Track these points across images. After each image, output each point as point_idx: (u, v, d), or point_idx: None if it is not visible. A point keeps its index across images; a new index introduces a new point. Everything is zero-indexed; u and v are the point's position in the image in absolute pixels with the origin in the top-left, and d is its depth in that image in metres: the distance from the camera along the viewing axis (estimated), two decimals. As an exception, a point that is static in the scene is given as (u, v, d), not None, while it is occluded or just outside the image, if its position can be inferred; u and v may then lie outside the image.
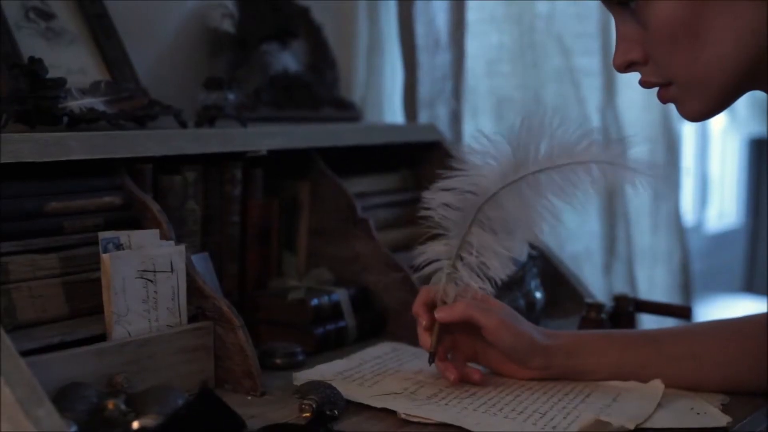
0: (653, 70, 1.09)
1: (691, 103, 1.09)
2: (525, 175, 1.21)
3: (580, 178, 1.20)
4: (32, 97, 1.27)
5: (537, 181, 1.21)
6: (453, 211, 1.24)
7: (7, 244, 1.14)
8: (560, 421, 1.12)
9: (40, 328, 1.13)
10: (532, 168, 1.21)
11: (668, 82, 1.09)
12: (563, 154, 1.20)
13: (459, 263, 1.24)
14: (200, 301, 1.23)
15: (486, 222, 1.23)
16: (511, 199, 1.22)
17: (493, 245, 1.22)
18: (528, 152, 1.21)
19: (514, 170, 1.21)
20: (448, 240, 1.24)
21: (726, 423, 1.13)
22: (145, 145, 1.30)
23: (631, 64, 1.10)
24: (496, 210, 1.22)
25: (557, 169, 1.20)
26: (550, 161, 1.20)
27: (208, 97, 1.53)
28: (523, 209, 1.21)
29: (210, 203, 1.44)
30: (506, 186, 1.21)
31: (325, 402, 1.13)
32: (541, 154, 1.21)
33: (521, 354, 1.24)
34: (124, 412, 1.00)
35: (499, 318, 1.23)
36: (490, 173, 1.22)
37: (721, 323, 1.28)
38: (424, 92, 2.00)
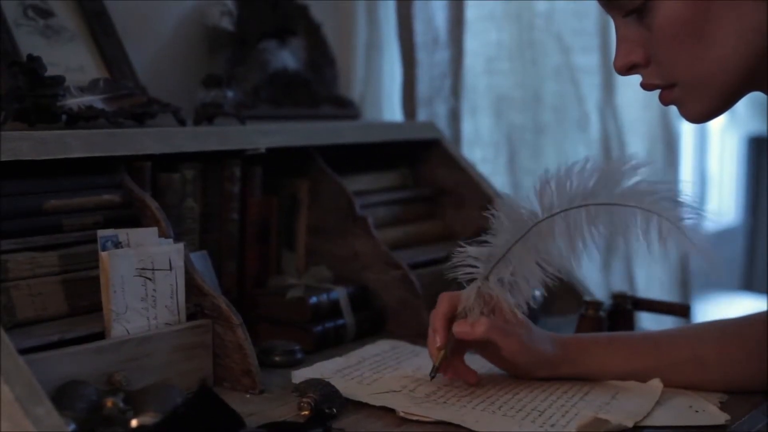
0: (656, 72, 1.09)
1: (693, 104, 1.09)
2: (589, 204, 1.18)
3: (636, 224, 1.16)
4: (31, 95, 1.26)
5: (597, 213, 1.18)
6: (510, 223, 1.21)
7: (7, 242, 1.14)
8: (559, 419, 1.12)
9: (40, 326, 1.13)
10: (600, 200, 1.18)
11: (671, 84, 1.08)
12: (632, 197, 1.16)
13: (492, 277, 1.21)
14: (199, 299, 1.23)
15: (534, 241, 1.20)
16: (566, 224, 1.19)
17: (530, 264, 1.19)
18: (603, 188, 1.18)
19: (583, 198, 1.18)
20: (491, 248, 1.21)
21: (724, 421, 1.13)
22: (143, 143, 1.30)
23: (633, 67, 1.10)
24: (549, 230, 1.19)
25: (620, 207, 1.17)
26: (618, 199, 1.17)
27: (207, 95, 1.53)
28: (569, 235, 1.18)
29: (209, 201, 1.44)
30: (570, 209, 1.18)
31: (323, 400, 1.13)
32: (614, 191, 1.17)
33: (530, 369, 1.25)
34: (122, 410, 1.00)
35: (518, 341, 1.22)
36: (560, 193, 1.19)
37: (722, 324, 1.28)
38: (423, 90, 2.00)
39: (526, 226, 1.20)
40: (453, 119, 2.06)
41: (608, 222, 1.18)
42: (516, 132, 2.27)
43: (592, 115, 2.45)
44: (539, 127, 2.33)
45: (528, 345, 1.23)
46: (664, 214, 1.14)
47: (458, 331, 1.21)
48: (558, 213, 1.19)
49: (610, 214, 1.18)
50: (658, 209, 1.15)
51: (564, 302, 1.64)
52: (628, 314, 1.52)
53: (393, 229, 1.64)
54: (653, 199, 1.15)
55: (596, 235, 1.19)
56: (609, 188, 1.18)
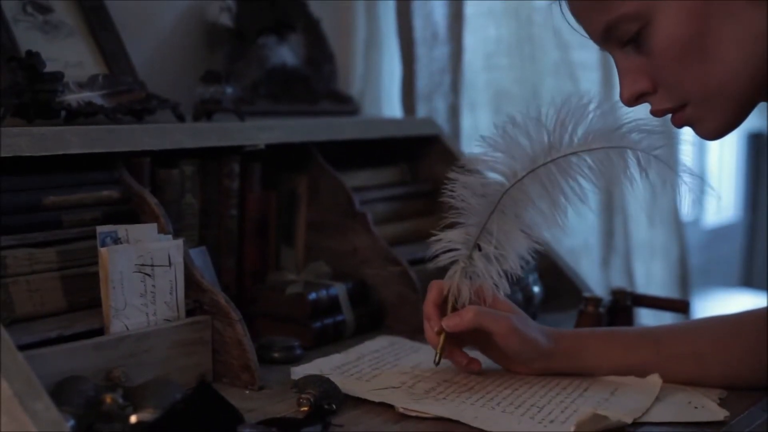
0: (665, 96, 1.08)
1: (708, 120, 1.08)
2: (556, 158, 1.17)
3: (613, 163, 1.15)
4: (30, 90, 1.27)
5: (568, 164, 1.17)
6: (476, 198, 1.20)
7: (5, 238, 1.14)
8: (558, 415, 1.12)
9: (38, 322, 1.13)
10: (566, 150, 1.17)
11: (682, 104, 1.07)
12: (600, 138, 1.15)
13: (476, 253, 1.21)
14: (198, 295, 1.23)
15: (509, 207, 1.19)
16: (537, 182, 1.18)
17: (513, 231, 1.19)
18: (563, 135, 1.17)
19: (545, 153, 1.17)
20: (466, 228, 1.21)
21: (723, 417, 1.13)
22: (142, 138, 1.30)
23: (641, 96, 1.09)
24: (521, 194, 1.18)
25: (590, 152, 1.16)
26: (584, 145, 1.16)
27: (206, 91, 1.53)
28: (549, 192, 1.17)
29: (208, 197, 1.44)
30: (536, 169, 1.17)
31: (323, 396, 1.13)
32: (577, 138, 1.17)
33: (524, 358, 1.24)
34: (121, 406, 1.00)
35: (508, 324, 1.22)
36: (521, 155, 1.18)
37: (720, 320, 1.28)
38: (422, 86, 2.00)
39: (495, 197, 1.19)
40: (452, 115, 2.06)
41: (585, 170, 1.17)
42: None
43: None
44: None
45: (520, 330, 1.22)
46: (637, 147, 1.14)
47: (448, 324, 1.21)
48: (525, 176, 1.18)
49: (583, 162, 1.17)
50: (628, 143, 1.14)
51: (563, 298, 1.64)
52: (627, 310, 1.52)
53: (392, 224, 1.64)
54: (620, 134, 1.15)
55: (577, 187, 1.18)
56: (570, 136, 1.16)
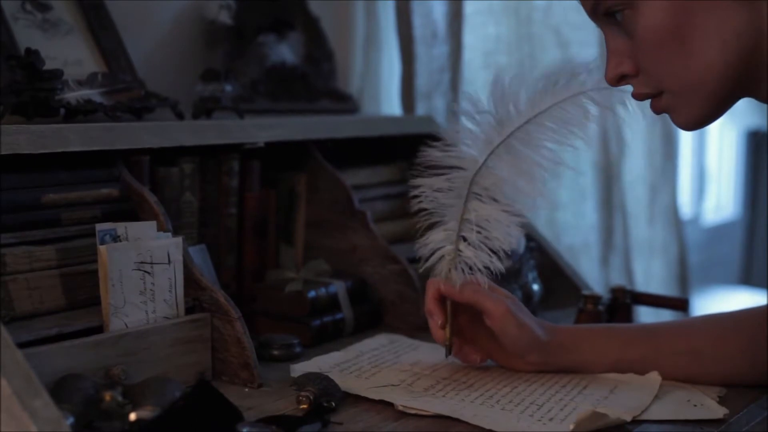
0: (644, 81, 1.09)
1: (684, 111, 1.08)
2: (512, 132, 1.17)
3: (572, 115, 1.16)
4: (29, 88, 1.26)
5: (527, 134, 1.17)
6: (445, 194, 1.21)
7: (4, 236, 1.14)
8: (557, 413, 1.12)
9: (37, 320, 1.13)
10: (518, 122, 1.17)
11: (660, 92, 1.08)
12: (546, 97, 1.16)
13: (462, 244, 1.21)
14: (197, 292, 1.23)
15: (483, 193, 1.20)
16: (503, 161, 1.18)
17: (493, 213, 1.19)
18: (508, 107, 1.17)
19: (498, 131, 1.18)
20: (446, 225, 1.22)
21: (722, 415, 1.13)
22: (142, 136, 1.30)
23: (623, 77, 1.10)
24: (490, 178, 1.19)
25: (545, 113, 1.16)
26: (534, 109, 1.17)
27: (205, 89, 1.53)
28: (519, 167, 1.17)
29: (207, 195, 1.44)
30: (494, 150, 1.18)
31: (322, 394, 1.13)
32: (523, 105, 1.17)
33: (521, 347, 1.24)
34: (121, 404, 1.00)
35: (505, 305, 1.22)
36: (474, 142, 1.19)
37: (719, 318, 1.28)
38: (422, 84, 2.00)
39: (463, 188, 1.19)
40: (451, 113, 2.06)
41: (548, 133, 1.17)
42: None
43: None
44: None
45: (516, 314, 1.22)
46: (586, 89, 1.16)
47: (445, 289, 1.22)
48: (486, 159, 1.18)
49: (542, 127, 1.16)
50: (576, 90, 1.16)
51: (562, 296, 1.64)
52: (626, 308, 1.52)
53: (391, 223, 1.64)
54: (564, 85, 1.16)
55: (546, 152, 1.18)
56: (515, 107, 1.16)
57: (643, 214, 2.62)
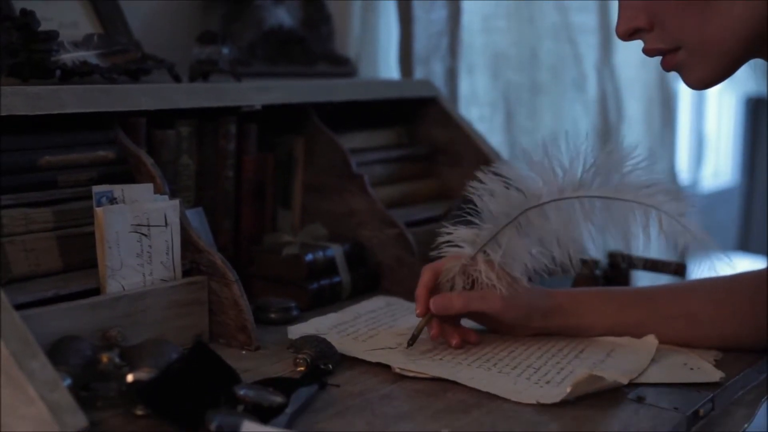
0: (660, 36, 1.08)
1: (697, 68, 1.09)
2: (582, 197, 1.18)
3: (635, 219, 1.16)
4: (24, 50, 1.26)
5: (592, 206, 1.17)
6: (498, 204, 1.20)
7: (1, 198, 1.14)
8: (554, 376, 1.12)
9: (34, 282, 1.13)
10: (593, 192, 1.17)
11: (676, 48, 1.08)
12: (628, 190, 1.16)
13: (480, 256, 1.21)
14: (194, 255, 1.23)
15: (524, 226, 1.20)
16: (559, 214, 1.18)
17: (520, 250, 1.20)
18: (596, 177, 1.17)
19: (573, 188, 1.18)
20: (479, 230, 1.21)
21: (719, 378, 1.13)
22: (138, 99, 1.29)
23: (636, 32, 1.10)
24: (540, 218, 1.19)
25: (616, 201, 1.16)
26: (613, 192, 1.17)
27: (202, 52, 1.52)
28: (568, 229, 1.18)
29: (204, 158, 1.43)
30: (560, 200, 1.18)
31: (319, 356, 1.13)
32: (611, 184, 1.17)
33: (521, 321, 1.24)
34: (118, 366, 1.00)
35: (499, 303, 1.21)
36: (549, 182, 1.19)
37: (716, 281, 1.28)
38: (420, 48, 1.99)
39: (514, 210, 1.20)
40: (450, 78, 2.05)
41: (606, 216, 1.17)
42: (513, 91, 2.26)
43: (589, 74, 2.44)
44: (536, 86, 2.32)
45: (512, 302, 1.22)
46: (663, 208, 1.14)
47: (435, 305, 1.20)
48: (548, 202, 1.19)
49: (607, 208, 1.17)
50: (655, 203, 1.15)
51: (560, 261, 1.64)
52: (623, 273, 1.52)
53: (389, 187, 1.63)
54: (649, 192, 1.16)
55: (593, 230, 1.19)
56: (603, 178, 1.17)
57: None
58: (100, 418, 0.95)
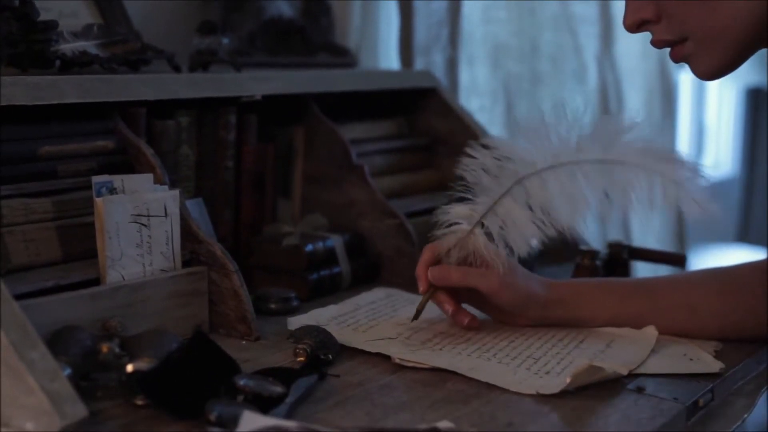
0: (667, 28, 1.09)
1: (705, 59, 1.09)
2: (582, 161, 1.16)
3: (640, 184, 1.14)
4: (24, 40, 1.25)
5: (594, 171, 1.15)
6: (490, 177, 1.19)
7: (1, 188, 1.13)
8: (554, 367, 1.12)
9: (34, 272, 1.13)
10: (595, 156, 1.15)
11: (683, 39, 1.08)
12: (630, 155, 1.14)
13: (478, 229, 1.20)
14: (194, 245, 1.23)
15: (522, 197, 1.18)
16: (558, 180, 1.16)
17: (522, 219, 1.18)
18: (595, 143, 1.15)
19: (571, 153, 1.16)
20: (474, 205, 1.21)
21: (718, 369, 1.14)
22: (138, 89, 1.29)
23: (643, 23, 1.10)
24: (537, 188, 1.17)
25: (621, 165, 1.14)
26: (613, 157, 1.15)
27: (202, 42, 1.51)
28: (570, 194, 1.16)
29: (204, 148, 1.43)
30: (558, 166, 1.16)
31: (319, 346, 1.13)
32: (614, 147, 1.15)
33: (519, 308, 1.24)
34: (118, 356, 1.00)
35: (498, 281, 1.21)
36: (544, 149, 1.17)
37: (716, 272, 1.28)
38: (420, 39, 1.98)
39: (509, 181, 1.19)
40: (450, 68, 2.05)
41: (607, 181, 1.15)
42: (513, 81, 2.26)
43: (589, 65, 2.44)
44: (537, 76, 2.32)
45: (509, 282, 1.22)
46: (667, 174, 1.13)
47: (433, 275, 1.21)
48: (545, 169, 1.17)
49: (608, 173, 1.15)
50: (660, 169, 1.14)
51: (560, 251, 1.64)
52: (623, 263, 1.52)
53: (389, 177, 1.63)
54: (653, 159, 1.14)
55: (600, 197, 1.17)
56: (603, 145, 1.16)
57: (641, 170, 2.61)
58: (100, 408, 0.95)
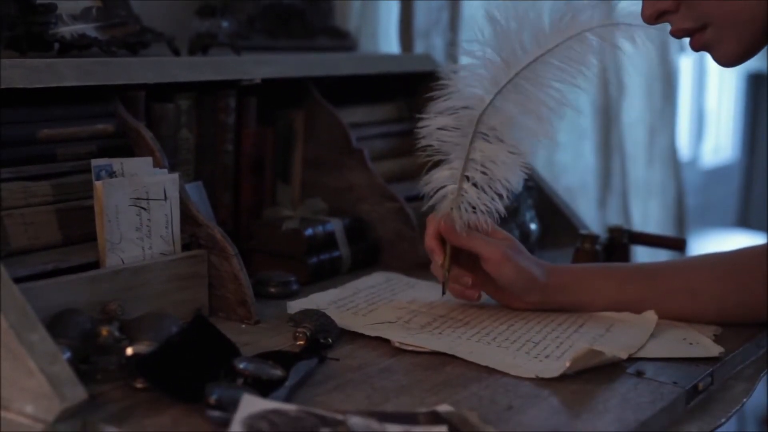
0: (686, 16, 1.08)
1: (726, 44, 1.09)
2: (519, 71, 1.15)
3: (578, 52, 1.14)
4: (23, 22, 1.25)
5: (534, 72, 1.15)
6: (451, 133, 1.19)
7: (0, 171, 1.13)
8: (553, 351, 1.12)
9: (33, 255, 1.13)
10: (525, 61, 1.15)
11: (703, 26, 1.08)
12: (551, 35, 1.14)
13: (466, 184, 1.20)
14: (194, 229, 1.23)
15: (489, 133, 1.18)
16: (510, 101, 1.16)
17: (499, 154, 1.17)
18: (514, 47, 1.14)
19: (505, 71, 1.16)
20: (450, 164, 1.21)
21: (718, 353, 1.14)
22: (137, 72, 1.28)
23: (662, 14, 1.09)
24: (497, 117, 1.17)
25: (551, 52, 1.14)
26: (540, 48, 1.14)
27: (202, 25, 1.51)
28: (527, 107, 1.16)
29: (204, 132, 1.43)
30: (501, 89, 1.16)
31: (319, 330, 1.13)
32: (529, 44, 1.15)
33: (519, 289, 1.24)
34: (118, 339, 1.00)
35: (501, 251, 1.21)
36: (481, 83, 1.17)
37: (716, 257, 1.28)
38: (420, 22, 1.98)
39: (469, 126, 1.18)
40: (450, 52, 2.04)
41: (554, 71, 1.15)
42: (513, 65, 2.25)
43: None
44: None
45: (513, 258, 1.22)
46: (592, 25, 1.13)
47: (443, 230, 1.21)
48: (494, 99, 1.16)
49: (549, 65, 1.14)
50: (581, 27, 1.13)
51: (560, 236, 1.64)
52: (623, 248, 1.52)
53: (389, 161, 1.63)
54: (568, 22, 1.13)
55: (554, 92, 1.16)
56: (521, 46, 1.14)
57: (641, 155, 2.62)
58: (100, 391, 0.95)
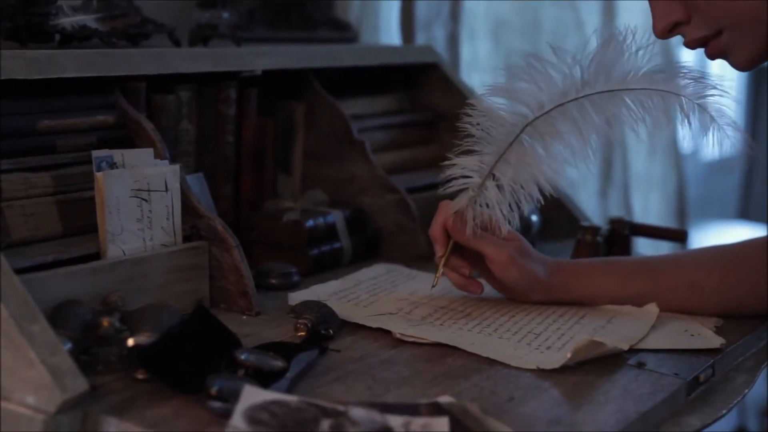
0: (699, 23, 1.08)
1: (742, 48, 1.08)
2: (591, 94, 1.13)
3: (653, 105, 1.11)
4: (23, 13, 1.25)
5: (603, 101, 1.13)
6: (497, 127, 1.17)
7: (0, 162, 1.13)
8: (555, 342, 1.12)
9: (34, 247, 1.12)
10: (601, 87, 1.13)
11: (717, 32, 1.07)
12: (641, 78, 1.12)
13: (490, 182, 1.18)
14: (195, 220, 1.22)
15: (533, 140, 1.15)
16: (568, 117, 1.14)
17: (534, 163, 1.15)
18: (599, 73, 1.13)
19: (577, 89, 1.13)
20: (483, 157, 1.18)
21: (719, 345, 1.14)
22: (138, 63, 1.28)
23: (675, 26, 1.08)
24: (548, 127, 1.14)
25: (630, 91, 1.12)
26: (623, 84, 1.12)
27: (202, 16, 1.51)
28: (580, 128, 1.14)
29: (204, 123, 1.42)
30: (567, 103, 1.14)
31: (320, 321, 1.13)
32: (615, 76, 1.13)
33: (522, 289, 1.24)
34: (118, 330, 1.00)
35: (507, 253, 1.21)
36: (549, 88, 1.14)
37: (718, 250, 1.28)
38: (421, 14, 1.98)
39: (517, 127, 1.16)
40: (451, 44, 2.04)
41: (622, 109, 1.13)
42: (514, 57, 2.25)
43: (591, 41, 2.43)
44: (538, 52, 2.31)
45: (518, 262, 1.21)
46: (682, 93, 1.11)
47: (451, 227, 1.20)
48: (553, 109, 1.15)
49: (621, 102, 1.13)
50: (672, 88, 1.11)
51: (561, 228, 1.64)
52: (625, 239, 1.52)
53: (390, 153, 1.63)
54: (663, 78, 1.12)
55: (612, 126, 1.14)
56: (606, 73, 1.13)
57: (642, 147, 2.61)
58: (101, 382, 0.95)
